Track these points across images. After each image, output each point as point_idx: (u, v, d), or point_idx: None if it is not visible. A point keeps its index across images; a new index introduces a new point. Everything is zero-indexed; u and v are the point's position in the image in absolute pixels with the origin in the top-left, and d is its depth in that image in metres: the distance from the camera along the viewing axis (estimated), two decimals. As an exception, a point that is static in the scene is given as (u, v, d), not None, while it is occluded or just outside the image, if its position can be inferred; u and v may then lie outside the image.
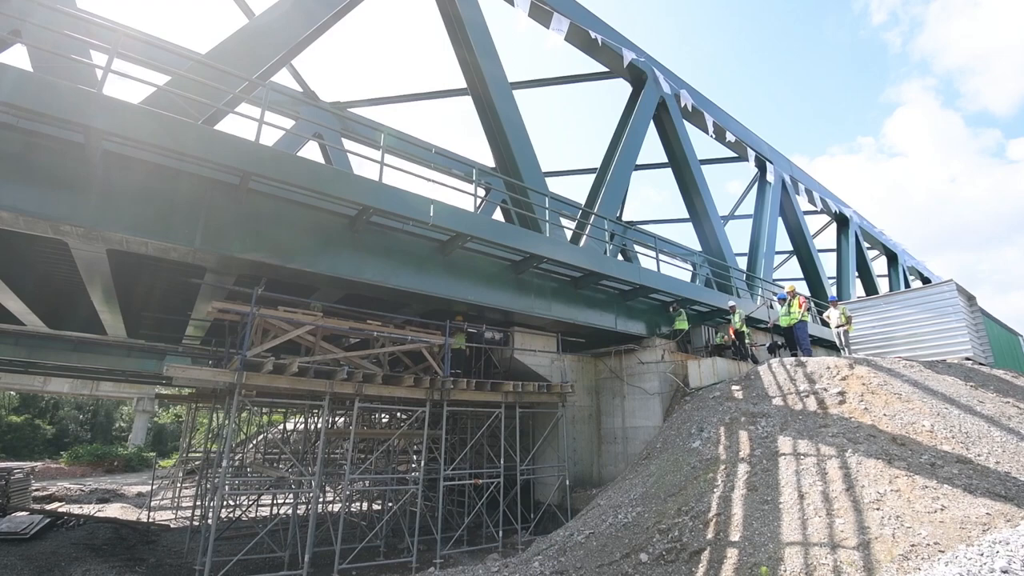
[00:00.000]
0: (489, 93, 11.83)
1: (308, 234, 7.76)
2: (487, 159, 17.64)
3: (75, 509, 15.61)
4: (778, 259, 27.10)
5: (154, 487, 16.74)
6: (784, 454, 7.77)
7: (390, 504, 12.40)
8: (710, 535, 6.67)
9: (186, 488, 17.35)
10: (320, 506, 9.72)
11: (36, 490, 17.72)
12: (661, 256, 13.48)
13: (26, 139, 5.90)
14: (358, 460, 11.89)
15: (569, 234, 12.78)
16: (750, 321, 14.73)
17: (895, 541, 5.50)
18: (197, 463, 15.87)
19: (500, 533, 10.17)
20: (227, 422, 8.66)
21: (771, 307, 15.05)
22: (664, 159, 18.24)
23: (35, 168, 5.94)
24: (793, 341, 12.82)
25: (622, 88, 15.97)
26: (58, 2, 6.78)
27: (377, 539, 9.98)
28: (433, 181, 9.78)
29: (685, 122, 17.42)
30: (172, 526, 13.63)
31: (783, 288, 14.85)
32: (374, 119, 17.48)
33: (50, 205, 5.95)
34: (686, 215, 18.22)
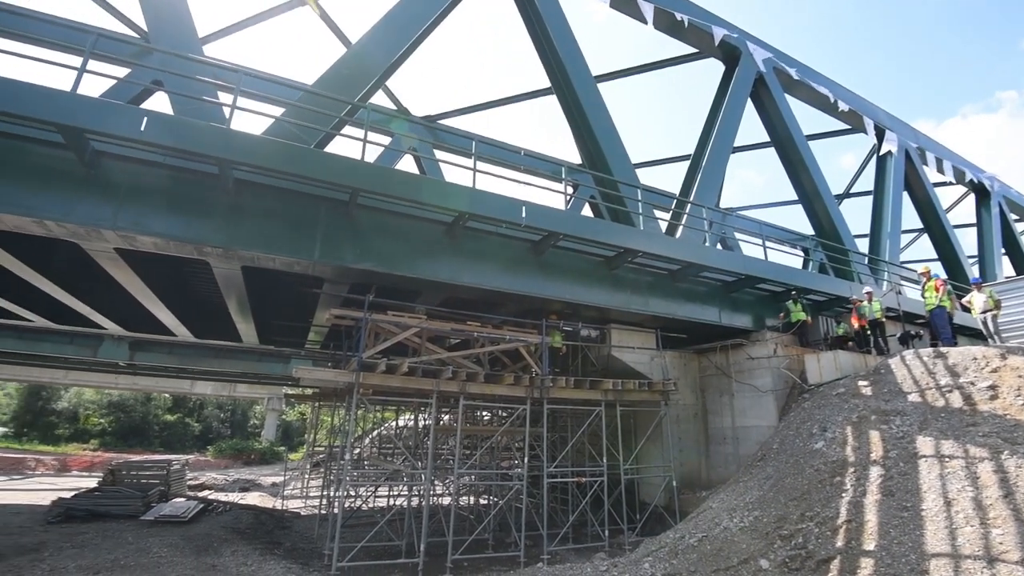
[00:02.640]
0: (573, 89, 11.74)
1: (410, 242, 8.24)
2: (573, 157, 17.50)
3: (222, 497, 17.72)
4: (906, 239, 24.23)
5: (286, 478, 18.56)
6: (924, 456, 6.98)
7: (496, 499, 12.73)
8: (840, 543, 6.15)
9: (313, 480, 18.98)
10: (431, 499, 10.21)
11: (190, 479, 20.31)
12: (768, 243, 12.60)
13: (170, 173, 6.83)
14: (464, 456, 12.34)
15: (664, 225, 12.35)
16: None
17: (1076, 559, 4.75)
18: (321, 456, 17.33)
19: (606, 532, 10.08)
20: (348, 418, 9.38)
21: (899, 293, 13.53)
22: (765, 138, 17.06)
23: (179, 199, 6.84)
24: (933, 331, 11.44)
25: (714, 67, 15.15)
26: (189, 52, 7.76)
27: (485, 532, 10.28)
28: (522, 182, 9.92)
29: (787, 96, 16.16)
30: (302, 514, 15.02)
31: (915, 271, 13.30)
32: (463, 127, 18.09)
33: (193, 230, 6.84)
34: (794, 197, 16.92)
